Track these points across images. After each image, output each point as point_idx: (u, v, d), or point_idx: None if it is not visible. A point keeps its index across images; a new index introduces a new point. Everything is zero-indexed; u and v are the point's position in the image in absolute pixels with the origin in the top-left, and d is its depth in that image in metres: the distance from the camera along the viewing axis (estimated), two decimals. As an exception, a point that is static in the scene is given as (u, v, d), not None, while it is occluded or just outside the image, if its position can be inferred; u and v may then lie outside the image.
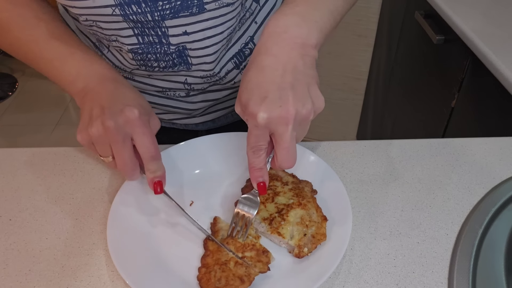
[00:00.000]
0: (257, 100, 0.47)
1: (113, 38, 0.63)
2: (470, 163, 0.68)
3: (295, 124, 0.47)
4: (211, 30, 0.63)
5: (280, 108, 0.46)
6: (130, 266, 0.50)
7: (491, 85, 0.98)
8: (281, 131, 0.47)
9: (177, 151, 0.66)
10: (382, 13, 1.70)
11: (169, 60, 0.65)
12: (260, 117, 0.46)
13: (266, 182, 0.52)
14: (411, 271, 0.53)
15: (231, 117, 0.86)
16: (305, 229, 0.54)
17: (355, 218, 0.59)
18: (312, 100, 0.47)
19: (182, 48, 0.64)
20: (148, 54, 0.64)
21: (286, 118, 0.46)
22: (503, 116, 0.99)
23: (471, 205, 0.61)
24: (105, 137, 0.52)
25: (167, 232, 0.57)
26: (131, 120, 0.52)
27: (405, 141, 0.72)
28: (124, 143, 0.53)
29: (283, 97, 0.46)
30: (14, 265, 0.54)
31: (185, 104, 0.77)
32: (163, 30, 0.61)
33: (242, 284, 0.49)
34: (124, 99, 0.55)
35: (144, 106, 0.56)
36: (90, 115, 0.53)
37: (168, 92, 0.74)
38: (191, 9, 0.59)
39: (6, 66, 2.88)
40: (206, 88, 0.73)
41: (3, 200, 0.63)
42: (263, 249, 0.53)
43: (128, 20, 0.59)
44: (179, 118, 0.82)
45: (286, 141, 0.47)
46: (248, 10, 0.68)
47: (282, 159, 0.49)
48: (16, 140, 2.36)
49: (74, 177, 0.66)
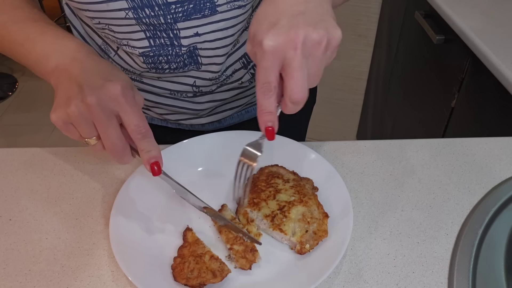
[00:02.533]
0: (265, 28, 0.44)
1: (124, 42, 0.63)
2: (470, 163, 0.68)
3: (304, 50, 0.43)
4: (222, 32, 0.63)
5: (288, 32, 0.42)
6: (132, 262, 0.50)
7: (491, 85, 0.98)
8: (289, 57, 0.43)
9: (179, 149, 0.66)
10: (382, 13, 1.70)
11: (180, 61, 0.65)
12: (266, 43, 0.43)
13: (275, 127, 0.47)
14: (411, 271, 0.53)
15: (237, 117, 0.86)
16: (307, 225, 0.54)
17: (355, 218, 0.59)
18: (326, 26, 0.43)
19: (193, 48, 0.64)
20: (160, 57, 0.64)
21: (294, 41, 0.42)
22: (503, 116, 0.99)
23: (471, 205, 0.61)
24: (88, 115, 0.47)
25: (169, 227, 0.57)
26: (115, 96, 0.47)
27: (405, 141, 0.72)
28: (110, 121, 0.48)
29: (293, 22, 0.43)
30: (14, 265, 0.54)
31: (192, 104, 0.76)
32: (175, 32, 0.61)
33: (214, 278, 0.49)
34: (103, 73, 0.50)
35: (125, 80, 0.51)
36: (67, 94, 0.48)
37: (176, 93, 0.74)
38: (203, 12, 0.59)
39: (6, 66, 2.88)
40: (214, 90, 0.73)
41: (3, 200, 0.63)
42: (252, 247, 0.53)
43: (140, 23, 0.59)
44: (185, 118, 0.81)
45: (295, 68, 0.43)
46: (256, 9, 0.67)
47: (291, 89, 0.44)
48: (16, 140, 2.36)
49: (74, 177, 0.66)
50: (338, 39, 0.44)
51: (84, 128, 0.48)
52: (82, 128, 0.48)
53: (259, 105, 0.46)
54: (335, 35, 0.44)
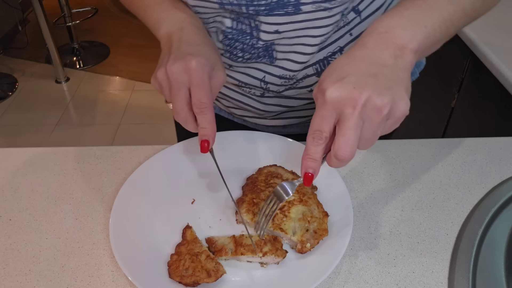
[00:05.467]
0: (333, 78, 0.44)
1: (211, 20, 0.64)
2: (470, 163, 0.68)
3: (363, 112, 0.42)
4: (303, 31, 0.61)
5: (353, 89, 0.42)
6: (132, 262, 0.51)
7: (491, 85, 0.98)
8: (346, 114, 0.43)
9: (181, 148, 0.66)
10: (382, 13, 1.70)
11: (255, 53, 0.65)
12: (328, 94, 0.43)
13: (315, 175, 0.47)
14: (411, 271, 0.53)
15: (303, 127, 0.83)
16: (307, 224, 0.54)
17: (355, 218, 0.59)
18: (393, 95, 0.42)
19: (270, 43, 0.63)
20: (236, 42, 0.64)
21: (355, 99, 0.42)
22: (503, 116, 0.99)
23: (471, 205, 0.61)
24: (167, 82, 0.53)
25: (169, 228, 0.57)
26: (189, 69, 0.52)
27: (405, 141, 0.72)
28: (179, 91, 0.52)
29: (361, 81, 0.43)
30: (14, 265, 0.54)
31: (258, 104, 0.75)
32: (256, 23, 0.61)
33: (208, 277, 0.50)
34: (191, 47, 0.54)
35: (208, 57, 0.54)
36: (161, 61, 0.54)
37: (244, 87, 0.73)
38: (287, 8, 0.58)
39: (6, 66, 2.88)
40: (281, 92, 0.72)
41: (3, 200, 0.63)
42: (273, 237, 0.54)
43: (223, 9, 0.59)
44: (250, 116, 0.80)
45: (348, 127, 0.42)
46: (345, 19, 0.64)
47: (339, 146, 0.43)
48: (16, 140, 2.36)
49: (74, 177, 0.66)
50: (403, 112, 0.43)
51: (165, 93, 0.54)
52: (164, 92, 0.54)
53: (306, 149, 0.46)
54: (400, 107, 0.43)
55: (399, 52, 0.45)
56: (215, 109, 0.84)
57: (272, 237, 0.54)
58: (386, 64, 0.45)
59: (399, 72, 0.45)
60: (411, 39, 0.46)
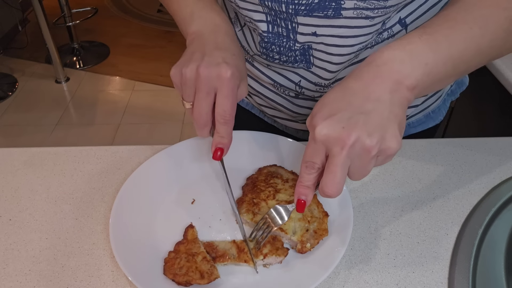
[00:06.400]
0: (324, 114, 0.44)
1: (247, 19, 0.63)
2: (470, 163, 0.68)
3: (351, 152, 0.43)
4: (342, 39, 0.60)
5: (341, 129, 0.43)
6: (132, 262, 0.51)
7: (491, 85, 0.98)
8: (334, 153, 0.43)
9: (181, 148, 0.66)
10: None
11: (291, 56, 0.64)
12: (318, 131, 0.44)
13: (307, 202, 0.49)
14: (411, 271, 0.53)
15: None
16: (307, 224, 0.54)
17: (355, 218, 0.59)
18: (383, 135, 0.43)
19: (307, 47, 0.62)
20: (273, 45, 0.64)
21: (343, 141, 0.42)
22: (503, 116, 0.99)
23: (471, 205, 0.61)
24: (194, 82, 0.53)
25: (169, 228, 0.57)
26: (222, 77, 0.52)
27: (405, 141, 0.72)
28: (207, 95, 0.53)
29: (352, 120, 0.43)
30: (14, 265, 0.54)
31: (291, 105, 0.75)
32: (294, 25, 0.60)
33: (201, 279, 0.50)
34: (226, 54, 0.54)
35: (240, 69, 0.55)
36: (190, 57, 0.54)
37: (279, 87, 0.73)
38: (327, 11, 0.57)
39: (6, 66, 2.88)
40: (315, 97, 0.71)
41: (3, 200, 0.63)
42: (272, 237, 0.54)
43: (263, 5, 0.59)
44: (281, 117, 0.80)
45: (335, 164, 0.43)
46: (389, 30, 0.62)
47: (325, 181, 0.44)
48: (16, 140, 2.36)
49: (74, 177, 0.66)
50: (394, 150, 0.43)
51: (187, 91, 0.54)
52: (186, 90, 0.54)
53: (299, 176, 0.48)
54: (391, 145, 0.43)
55: (395, 87, 0.44)
56: (248, 105, 0.85)
57: (271, 237, 0.54)
58: (381, 99, 0.44)
59: (394, 108, 0.44)
60: (408, 75, 0.45)
